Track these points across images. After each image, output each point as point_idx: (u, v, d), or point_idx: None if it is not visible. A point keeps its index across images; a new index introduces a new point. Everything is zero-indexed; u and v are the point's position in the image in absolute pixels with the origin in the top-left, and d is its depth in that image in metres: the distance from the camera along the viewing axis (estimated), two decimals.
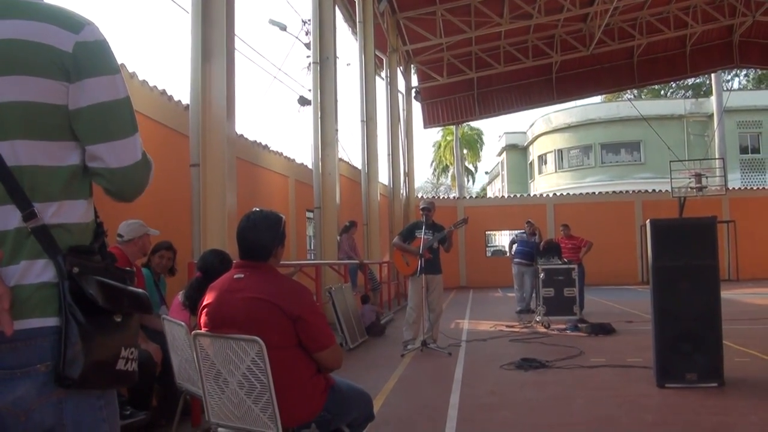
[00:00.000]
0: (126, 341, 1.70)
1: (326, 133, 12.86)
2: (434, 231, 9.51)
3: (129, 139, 1.71)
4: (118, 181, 1.73)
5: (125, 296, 1.71)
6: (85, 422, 1.65)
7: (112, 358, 1.66)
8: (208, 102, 7.23)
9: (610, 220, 26.16)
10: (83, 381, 1.60)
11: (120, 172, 1.71)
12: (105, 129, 1.68)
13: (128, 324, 1.72)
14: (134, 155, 1.73)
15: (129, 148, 1.71)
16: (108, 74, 1.69)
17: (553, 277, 12.12)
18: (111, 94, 1.69)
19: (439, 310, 9.69)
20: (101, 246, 1.76)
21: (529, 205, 27.63)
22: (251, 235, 3.26)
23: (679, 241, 6.67)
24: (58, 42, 1.62)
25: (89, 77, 1.65)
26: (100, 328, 1.64)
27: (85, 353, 1.59)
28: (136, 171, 1.74)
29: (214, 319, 3.22)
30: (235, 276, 3.27)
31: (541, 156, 46.06)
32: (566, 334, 10.84)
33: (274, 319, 3.07)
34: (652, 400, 6.16)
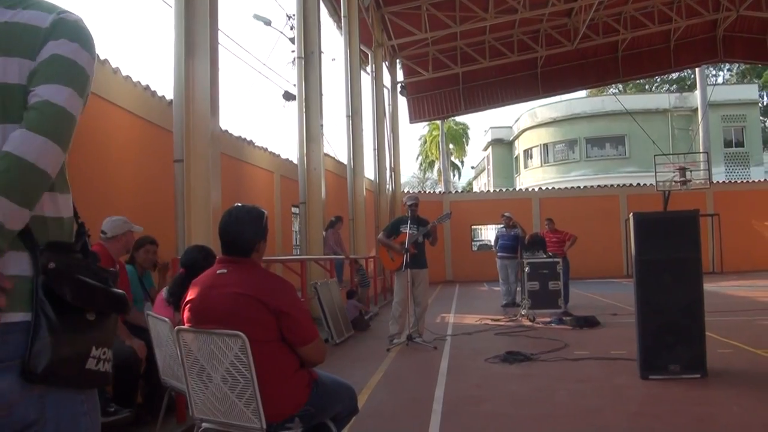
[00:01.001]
0: (99, 340, 1.69)
1: (311, 128, 12.84)
2: (419, 226, 9.53)
3: (70, 89, 1.66)
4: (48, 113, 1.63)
5: (101, 295, 1.70)
6: (65, 417, 1.65)
7: (80, 356, 1.65)
8: (191, 97, 7.20)
9: (595, 214, 26.32)
10: (47, 376, 1.58)
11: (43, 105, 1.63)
12: (55, 74, 1.66)
13: (103, 324, 1.70)
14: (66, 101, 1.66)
15: (66, 94, 1.66)
16: (77, 42, 1.70)
17: (538, 270, 12.18)
18: (73, 55, 1.69)
19: (425, 305, 9.72)
20: (83, 246, 1.75)
21: (515, 200, 27.72)
22: (233, 230, 3.26)
23: (663, 235, 6.72)
24: (36, 20, 1.68)
25: (56, 39, 1.67)
26: (70, 325, 1.63)
27: (52, 348, 1.58)
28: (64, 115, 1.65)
29: (197, 314, 3.22)
30: (218, 271, 3.27)
31: (527, 150, 46.18)
32: (551, 327, 10.90)
33: (257, 313, 3.08)
34: (635, 392, 6.21)
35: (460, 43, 24.67)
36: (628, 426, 5.13)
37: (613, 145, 40.91)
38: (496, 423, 5.39)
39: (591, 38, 24.91)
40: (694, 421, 5.20)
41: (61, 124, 1.62)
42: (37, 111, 1.60)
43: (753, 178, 34.33)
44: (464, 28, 22.64)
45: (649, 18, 24.84)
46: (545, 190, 29.32)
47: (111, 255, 5.19)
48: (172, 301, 4.54)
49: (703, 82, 33.47)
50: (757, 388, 6.21)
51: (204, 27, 7.28)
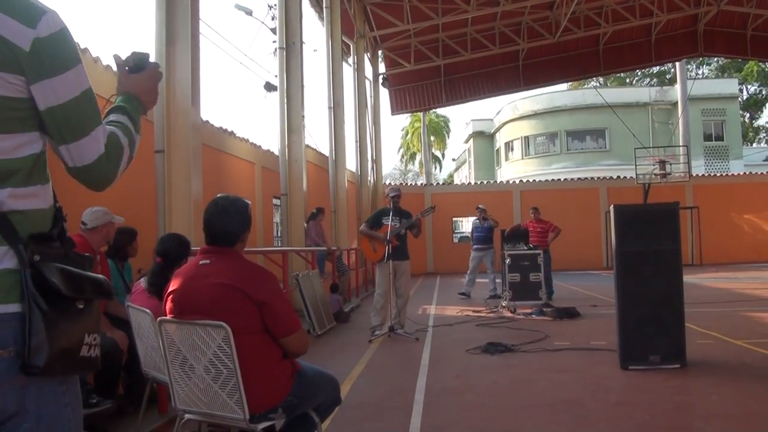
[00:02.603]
0: (89, 327, 1.70)
1: (292, 119, 12.80)
2: (401, 218, 9.55)
3: (89, 136, 1.69)
4: (84, 178, 1.73)
5: (87, 282, 1.70)
6: (47, 408, 1.65)
7: (76, 345, 1.66)
8: (172, 87, 7.15)
9: (576, 206, 26.51)
10: (48, 369, 1.59)
11: (84, 170, 1.70)
12: (65, 129, 1.66)
13: (90, 310, 1.71)
14: (96, 150, 1.71)
15: (89, 146, 1.69)
16: (68, 69, 1.66)
17: (519, 262, 12.24)
18: (72, 91, 1.66)
19: (407, 296, 9.75)
20: (60, 231, 1.74)
21: (496, 192, 27.86)
22: (220, 220, 3.25)
23: (643, 227, 6.78)
24: (13, 36, 1.58)
25: (49, 77, 1.62)
26: (63, 315, 1.63)
27: (50, 341, 1.59)
28: (99, 167, 1.73)
29: (180, 305, 3.21)
30: (201, 262, 3.25)
31: (508, 143, 46.32)
32: (532, 319, 10.97)
33: (240, 304, 3.07)
34: (615, 382, 6.27)
35: (442, 35, 24.66)
36: (608, 415, 5.18)
37: (594, 138, 41.15)
38: (478, 413, 5.42)
39: (572, 31, 24.98)
40: (673, 410, 5.27)
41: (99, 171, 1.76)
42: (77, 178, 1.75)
43: (732, 171, 34.74)
44: (446, 20, 22.63)
45: (630, 12, 24.94)
46: (526, 182, 29.47)
47: (91, 246, 5.15)
48: (153, 291, 4.52)
49: (683, 76, 33.72)
50: (735, 377, 6.30)
51: (185, 16, 7.22)
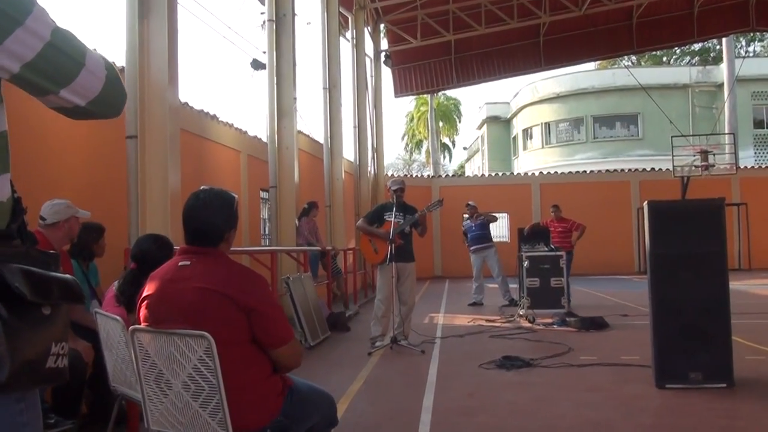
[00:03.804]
0: (56, 335, 1.68)
1: (283, 102, 12.78)
2: (405, 213, 9.52)
3: (84, 71, 1.68)
4: (100, 109, 1.74)
5: (54, 284, 1.68)
6: (2, 429, 1.63)
7: (42, 356, 1.64)
8: (146, 64, 7.14)
9: (604, 202, 26.47)
10: (10, 384, 1.57)
11: (98, 101, 1.70)
12: (58, 75, 1.65)
13: (57, 316, 1.69)
14: (99, 81, 1.71)
15: (89, 80, 1.69)
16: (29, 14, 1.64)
17: (539, 265, 12.23)
18: (42, 35, 1.65)
19: (411, 303, 9.72)
20: (20, 226, 1.73)
21: (513, 185, 27.86)
22: (202, 216, 3.23)
23: (681, 226, 6.75)
24: None
25: (10, 34, 1.61)
26: (27, 323, 1.61)
27: (12, 353, 1.56)
28: (107, 95, 1.74)
29: (156, 312, 3.19)
30: (180, 263, 3.24)
31: (526, 130, 46.31)
32: (553, 330, 10.95)
33: (225, 311, 3.05)
34: (650, 403, 6.25)
35: (453, 6, 24.61)
36: None
37: (625, 124, 41.13)
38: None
39: (601, 3, 24.90)
40: None
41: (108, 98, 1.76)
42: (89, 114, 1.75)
43: None
44: None
45: None
46: (546, 174, 29.45)
47: (51, 245, 5.12)
48: (123, 301, 4.50)
49: (730, 53, 33.54)
50: None
51: None
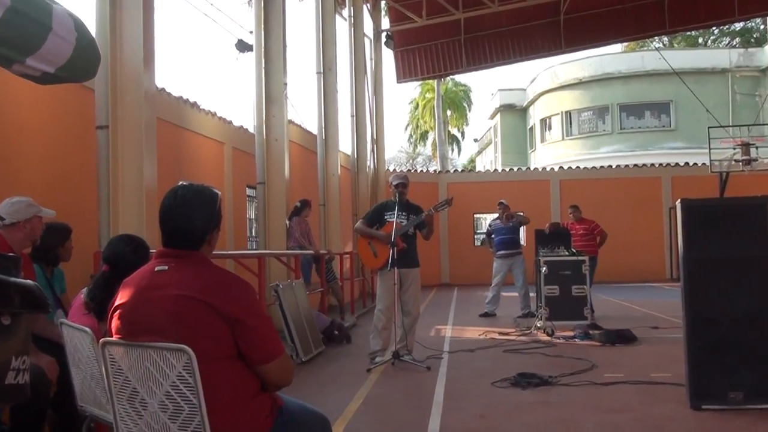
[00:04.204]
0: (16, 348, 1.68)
1: (272, 88, 12.78)
2: (409, 213, 9.52)
3: (51, 36, 1.68)
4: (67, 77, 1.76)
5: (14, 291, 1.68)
6: None
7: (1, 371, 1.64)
8: (118, 46, 7.14)
9: (631, 200, 26.45)
10: None
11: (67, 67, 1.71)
12: (19, 44, 1.65)
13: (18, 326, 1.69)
14: (68, 45, 1.71)
15: (57, 45, 1.69)
16: None
17: (559, 271, 12.21)
18: None
19: (416, 313, 9.73)
20: None
21: (529, 182, 27.81)
22: (180, 215, 3.23)
23: (720, 228, 6.73)
24: None
25: None
26: None
27: None
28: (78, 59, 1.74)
29: (130, 323, 3.19)
30: (157, 268, 3.24)
31: (545, 120, 46.30)
32: (574, 344, 10.95)
33: (207, 322, 3.05)
34: (684, 425, 6.25)
35: None
36: None
37: (655, 113, 41.10)
38: None
39: None
40: None
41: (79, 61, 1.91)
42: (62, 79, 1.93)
43: None
44: None
45: None
46: (567, 170, 29.42)
47: (10, 247, 5.11)
48: (93, 308, 4.50)
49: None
50: None
51: None
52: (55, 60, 1.74)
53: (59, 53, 1.74)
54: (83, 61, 1.79)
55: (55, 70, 1.74)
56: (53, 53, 1.73)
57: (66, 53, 1.73)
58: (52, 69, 1.74)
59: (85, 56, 1.79)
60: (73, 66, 1.76)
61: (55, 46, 1.72)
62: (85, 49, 1.78)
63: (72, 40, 1.74)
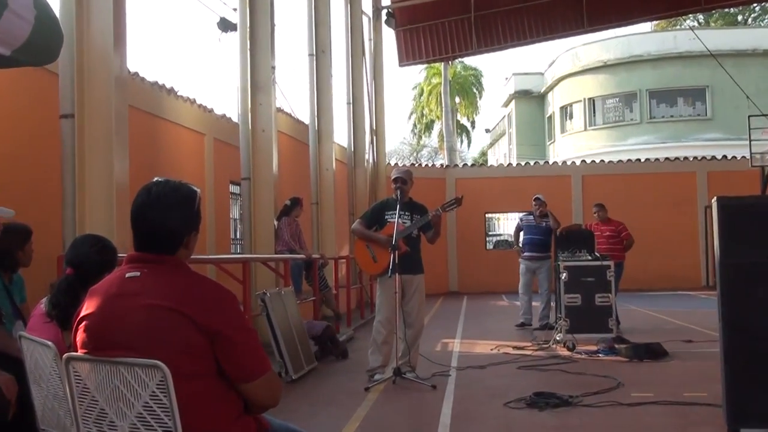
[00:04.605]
0: None
1: (258, 72, 12.77)
2: (413, 213, 9.51)
3: (7, 14, 1.70)
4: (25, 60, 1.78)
5: None
6: None
7: None
8: (85, 24, 7.13)
9: (662, 198, 26.44)
10: None
11: (21, 51, 1.73)
12: None
13: None
14: (26, 24, 1.73)
15: (14, 23, 1.71)
16: None
17: (581, 278, 12.18)
18: None
19: (420, 326, 9.73)
20: None
21: (547, 177, 27.76)
22: (153, 215, 3.23)
23: (761, 229, 6.72)
24: None
25: None
26: None
27: None
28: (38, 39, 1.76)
29: (97, 336, 3.19)
30: (128, 275, 3.23)
31: (565, 107, 46.33)
32: (598, 359, 10.95)
33: (184, 335, 3.05)
34: None
35: None
36: None
37: (689, 100, 41.12)
38: None
39: None
40: None
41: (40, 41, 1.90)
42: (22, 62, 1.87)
43: None
44: None
45: None
46: (590, 164, 29.40)
47: None
48: (56, 316, 4.49)
49: None
50: None
51: None
52: (11, 41, 1.74)
53: (15, 33, 1.74)
54: (44, 41, 1.79)
55: (11, 52, 1.75)
56: (8, 33, 1.74)
57: (23, 33, 1.74)
58: (7, 51, 1.75)
59: (46, 36, 1.80)
60: (32, 47, 1.77)
61: (11, 25, 1.73)
62: (45, 29, 1.79)
63: (30, 18, 1.74)
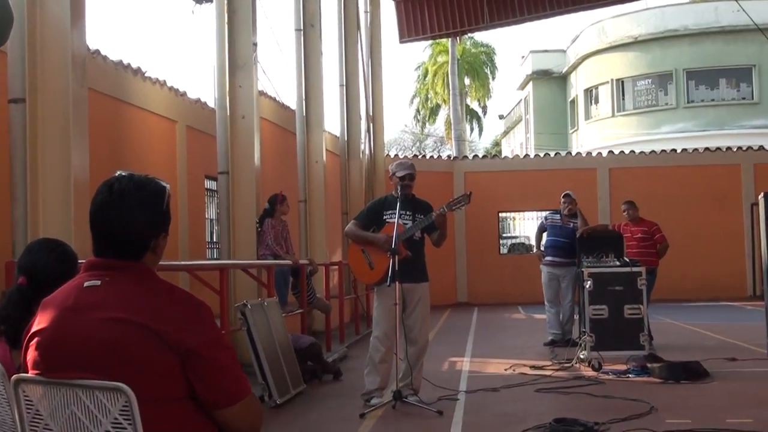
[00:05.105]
0: None
1: (238, 50, 12.75)
2: (415, 212, 9.51)
3: None
4: None
5: None
6: None
7: None
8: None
9: (702, 194, 26.41)
10: None
11: None
12: None
13: None
14: None
15: None
16: None
17: (608, 287, 12.15)
18: None
19: (423, 342, 9.72)
20: None
21: (570, 171, 27.71)
22: (116, 215, 3.21)
23: None
24: None
25: None
26: None
27: None
28: None
29: (52, 355, 3.18)
30: (86, 284, 3.22)
31: (590, 90, 46.32)
32: (628, 380, 10.95)
33: (151, 354, 3.04)
34: None
35: None
36: None
37: (733, 81, 41.11)
38: None
39: None
40: None
41: None
42: None
43: None
44: None
45: None
46: (619, 155, 29.35)
47: None
48: (4, 332, 4.50)
49: None
50: None
51: None
52: None
53: None
54: None
55: None
56: None
57: None
58: None
59: None
60: None
61: None
62: None
63: None
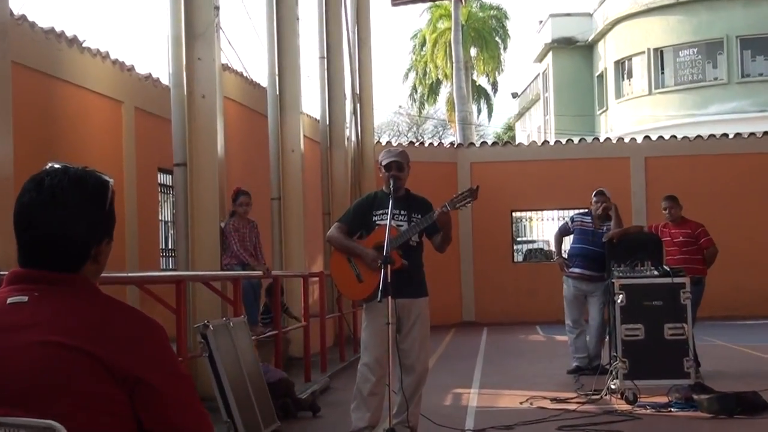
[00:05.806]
0: None
1: (197, 15, 12.73)
2: (411, 212, 9.50)
3: None
4: None
5: None
6: None
7: None
8: None
9: (758, 189, 26.39)
10: None
11: None
12: None
13: None
14: None
15: None
16: None
17: (644, 302, 12.14)
18: None
19: (422, 369, 9.71)
20: None
21: (598, 160, 27.71)
22: (47, 217, 3.19)
23: None
24: None
25: None
26: None
27: None
28: None
29: None
30: (10, 300, 3.21)
31: (622, 62, 46.40)
32: (670, 415, 10.97)
33: (91, 384, 3.04)
34: None
35: None
36: None
37: None
38: None
39: None
40: None
41: None
42: None
43: None
44: None
45: None
46: (657, 141, 29.30)
47: None
48: None
49: None
50: None
51: None
52: None
53: None
54: None
55: None
56: None
57: None
58: None
59: None
60: None
61: None
62: None
63: None
